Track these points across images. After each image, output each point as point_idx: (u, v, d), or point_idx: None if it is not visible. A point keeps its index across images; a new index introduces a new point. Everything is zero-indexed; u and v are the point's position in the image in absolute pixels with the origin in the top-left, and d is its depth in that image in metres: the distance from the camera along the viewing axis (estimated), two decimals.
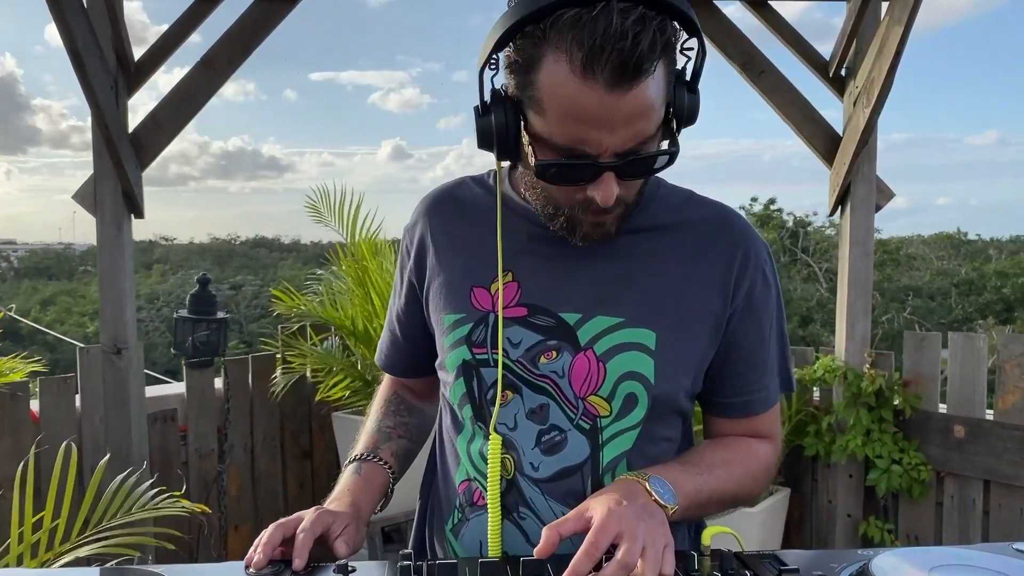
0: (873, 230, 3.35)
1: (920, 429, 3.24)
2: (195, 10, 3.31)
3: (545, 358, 1.06)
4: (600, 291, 1.06)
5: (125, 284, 3.21)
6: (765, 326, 1.12)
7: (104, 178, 3.14)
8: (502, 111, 0.96)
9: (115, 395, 3.24)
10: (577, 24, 0.85)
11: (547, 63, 0.88)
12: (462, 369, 1.10)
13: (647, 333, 1.04)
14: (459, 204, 1.18)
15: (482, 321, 1.09)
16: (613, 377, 1.04)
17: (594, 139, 0.90)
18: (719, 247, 1.09)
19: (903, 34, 2.84)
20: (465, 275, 1.12)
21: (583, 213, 1.00)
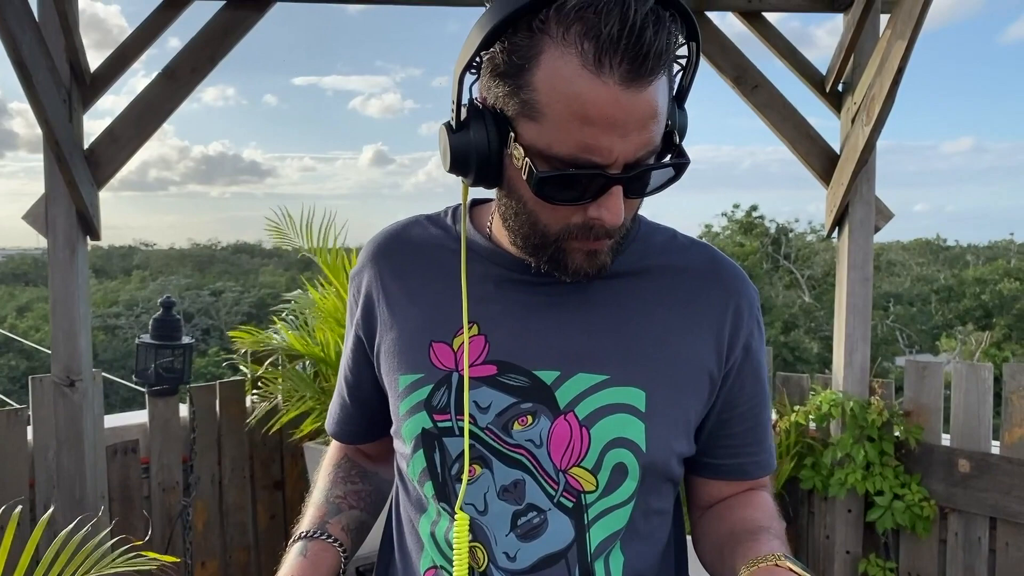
0: (872, 254, 3.20)
1: (923, 463, 3.09)
2: (157, 18, 3.11)
3: (519, 424, 0.90)
4: (581, 344, 0.91)
5: (79, 311, 2.99)
6: (762, 380, 1.01)
7: (56, 198, 2.92)
8: (482, 125, 0.82)
9: (68, 430, 3.02)
10: (587, 13, 0.73)
11: (548, 58, 0.75)
12: (421, 439, 0.94)
13: (636, 392, 0.90)
14: (413, 247, 1.02)
15: (444, 382, 0.93)
16: (598, 445, 0.89)
17: (604, 145, 0.76)
18: (711, 295, 0.96)
19: (906, 50, 2.69)
20: (422, 329, 0.96)
21: (579, 240, 0.85)
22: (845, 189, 3.12)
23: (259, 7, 3.11)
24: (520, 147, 0.80)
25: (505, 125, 0.81)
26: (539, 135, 0.78)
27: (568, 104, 0.75)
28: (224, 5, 3.10)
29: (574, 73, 0.74)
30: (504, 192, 0.88)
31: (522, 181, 0.82)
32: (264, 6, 3.12)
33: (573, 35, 0.73)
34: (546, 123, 0.77)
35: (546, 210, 0.84)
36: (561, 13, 0.74)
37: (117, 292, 40.48)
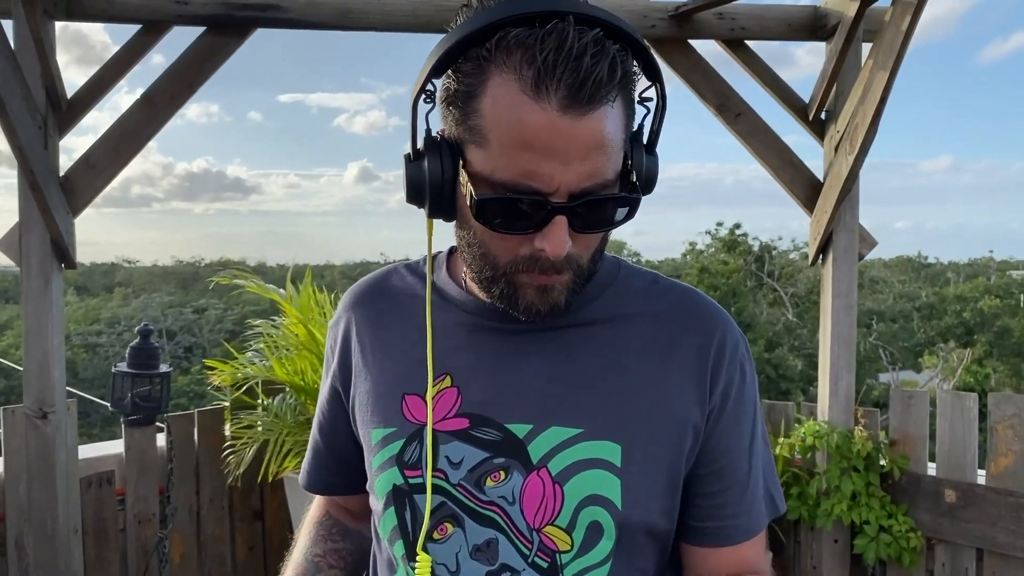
0: (856, 282, 3.20)
1: (909, 493, 3.07)
2: (136, 42, 3.07)
3: (492, 480, 0.87)
4: (554, 396, 0.88)
5: (53, 341, 2.93)
6: (744, 433, 0.94)
7: (30, 226, 2.87)
8: (436, 154, 0.81)
9: (40, 463, 2.95)
10: (527, 41, 0.74)
11: (492, 85, 0.76)
12: (393, 496, 0.91)
13: (611, 447, 0.86)
14: (390, 297, 1.00)
15: (416, 436, 0.90)
16: (572, 502, 0.86)
17: (545, 172, 0.75)
18: (691, 340, 0.92)
19: (888, 80, 2.70)
20: (396, 381, 0.94)
21: (527, 273, 0.82)
22: (829, 217, 3.12)
23: (240, 33, 3.08)
24: (466, 173, 0.79)
25: (457, 153, 0.80)
26: (485, 161, 0.77)
27: (509, 129, 0.75)
28: (204, 31, 3.06)
29: (514, 98, 0.74)
30: (458, 225, 0.87)
31: (467, 208, 0.81)
32: (245, 32, 3.08)
33: (514, 61, 0.74)
34: (491, 149, 0.77)
35: (494, 240, 0.82)
36: (504, 41, 0.74)
37: (99, 310, 40.12)
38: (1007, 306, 30.33)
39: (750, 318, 28.19)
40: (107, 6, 3.02)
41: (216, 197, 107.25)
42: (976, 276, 36.60)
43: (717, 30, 3.21)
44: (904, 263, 41.48)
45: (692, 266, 30.38)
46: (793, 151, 3.27)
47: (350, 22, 3.06)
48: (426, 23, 3.07)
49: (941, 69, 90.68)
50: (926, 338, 31.37)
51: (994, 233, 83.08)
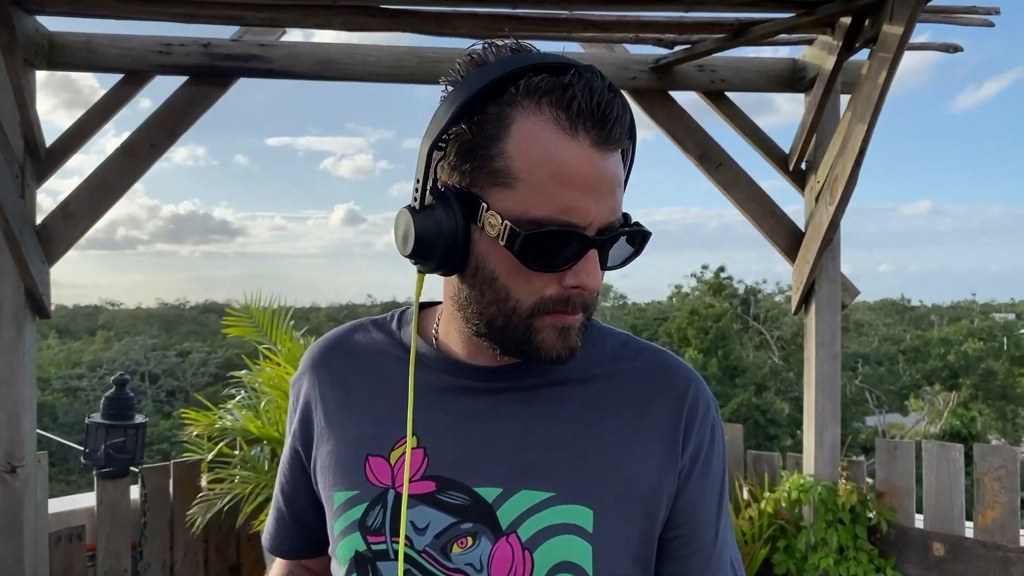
0: (839, 330, 3.19)
1: (897, 546, 3.03)
2: (118, 92, 3.07)
3: (459, 547, 0.83)
4: (525, 458, 0.85)
5: (24, 392, 2.86)
6: (712, 497, 0.92)
7: (3, 276, 2.83)
8: (448, 205, 0.80)
9: (8, 518, 2.86)
10: (557, 85, 0.77)
11: (521, 126, 0.77)
12: (355, 563, 0.87)
13: (583, 511, 0.83)
14: (355, 354, 0.96)
15: (379, 500, 0.87)
16: (542, 570, 0.82)
17: (582, 206, 0.77)
18: (663, 401, 0.89)
19: (866, 132, 2.72)
20: (359, 442, 0.90)
21: (552, 315, 0.81)
22: (811, 267, 3.12)
23: (222, 83, 3.09)
24: (496, 214, 0.77)
25: (473, 201, 0.79)
26: (515, 201, 0.77)
27: (546, 166, 0.76)
28: (187, 80, 3.07)
29: (550, 137, 0.76)
30: (469, 275, 0.84)
31: (495, 256, 0.80)
32: (227, 82, 3.09)
33: (545, 105, 0.76)
34: (522, 188, 0.77)
35: (520, 282, 0.80)
36: (531, 87, 0.77)
37: (80, 353, 39.60)
38: (990, 348, 30.49)
39: (737, 361, 28.19)
40: (89, 55, 3.03)
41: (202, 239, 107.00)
42: (959, 319, 36.84)
43: (697, 82, 3.25)
44: (888, 306, 41.73)
45: (680, 308, 30.42)
46: (775, 201, 3.28)
47: (332, 72, 3.08)
48: (409, 74, 3.08)
49: (916, 116, 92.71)
50: (911, 381, 31.44)
51: (975, 276, 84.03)
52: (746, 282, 33.23)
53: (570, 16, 2.90)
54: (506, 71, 0.77)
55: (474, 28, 2.90)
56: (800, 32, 3.06)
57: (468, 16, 2.84)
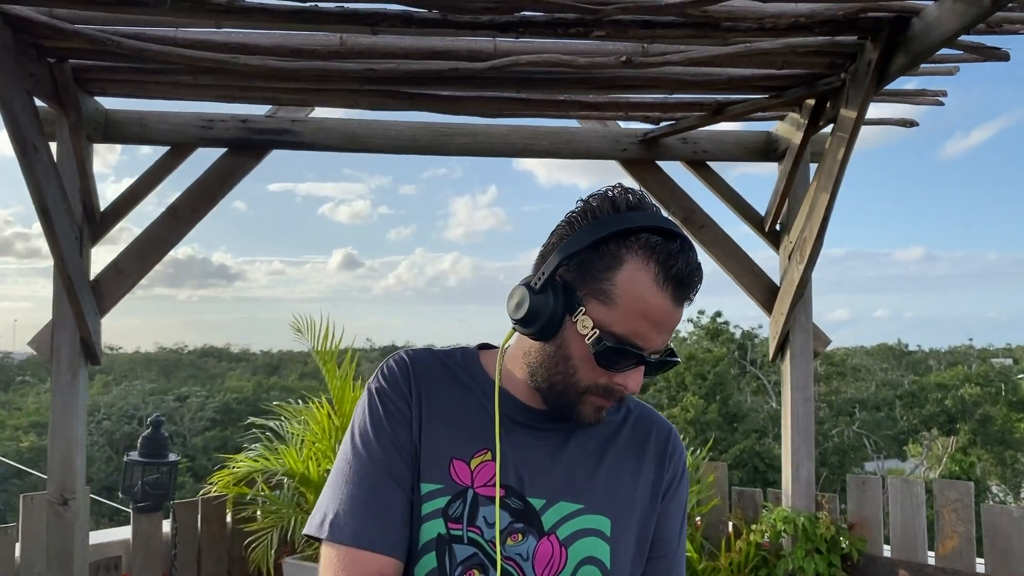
0: (812, 376, 3.51)
1: (867, 573, 3.31)
2: (163, 162, 3.44)
3: (512, 540, 1.10)
4: (562, 478, 1.13)
5: (76, 432, 3.18)
6: (677, 520, 1.22)
7: (63, 326, 3.16)
8: (558, 295, 1.07)
9: (60, 548, 3.15)
10: (663, 249, 1.05)
11: (630, 268, 1.04)
12: (435, 543, 1.09)
13: (603, 520, 1.12)
14: (444, 374, 1.19)
15: (460, 495, 1.10)
16: (574, 562, 1.10)
17: (651, 336, 1.06)
18: (653, 443, 1.22)
19: (829, 200, 3.08)
20: (448, 446, 1.13)
21: (597, 396, 1.10)
22: (785, 318, 3.46)
23: (258, 154, 3.46)
24: (590, 319, 1.06)
25: (575, 300, 1.07)
26: (608, 315, 1.05)
27: (637, 303, 1.04)
28: (226, 152, 3.44)
29: (648, 285, 1.04)
30: (553, 346, 1.09)
31: (578, 341, 1.07)
32: (262, 153, 3.47)
33: (652, 261, 1.04)
34: (616, 309, 1.05)
35: (586, 369, 1.08)
36: (647, 244, 1.05)
37: None
38: (987, 394, 30.49)
39: (736, 407, 28.24)
40: (140, 130, 3.41)
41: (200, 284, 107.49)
42: (957, 364, 36.85)
43: (681, 152, 3.63)
44: (885, 351, 41.72)
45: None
46: (752, 259, 3.64)
47: (356, 145, 3.46)
48: (424, 147, 3.47)
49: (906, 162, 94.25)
50: (909, 426, 31.42)
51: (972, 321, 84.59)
52: (743, 327, 33.38)
53: (568, 99, 3.29)
54: (634, 225, 1.05)
55: (483, 108, 3.29)
56: (771, 111, 3.44)
57: (478, 99, 3.23)
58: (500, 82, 3.03)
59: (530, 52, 2.78)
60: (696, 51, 2.82)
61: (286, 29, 2.72)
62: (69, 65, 2.93)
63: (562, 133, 3.63)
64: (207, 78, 2.99)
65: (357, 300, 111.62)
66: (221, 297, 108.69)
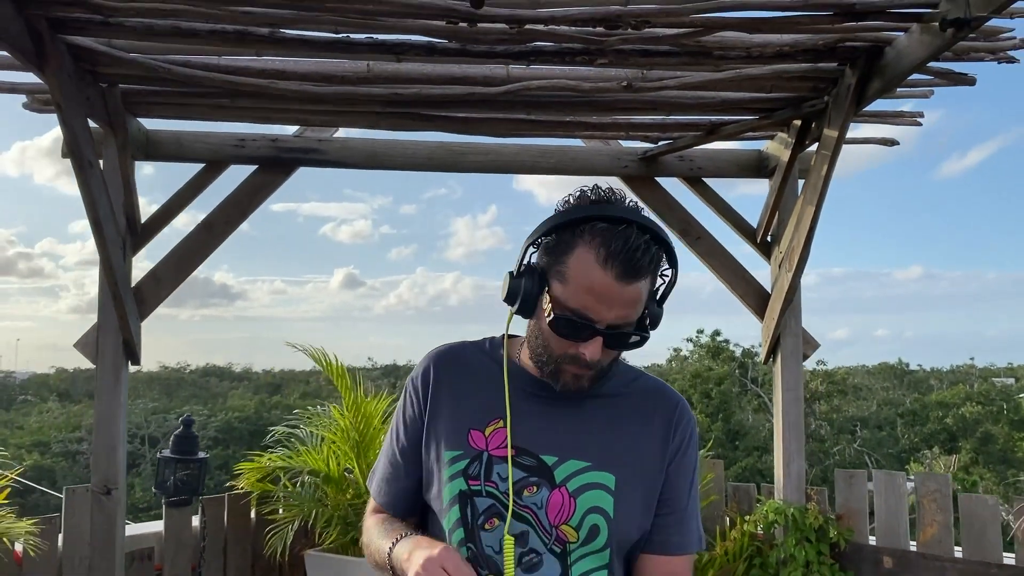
0: (802, 377, 3.76)
1: (854, 560, 3.54)
2: (199, 178, 3.71)
3: (528, 491, 1.30)
4: (573, 440, 1.33)
5: (119, 427, 3.43)
6: (686, 478, 1.41)
7: (107, 329, 3.42)
8: (533, 278, 1.29)
9: (102, 536, 3.39)
10: (607, 233, 1.22)
11: (579, 251, 1.23)
12: (458, 498, 1.32)
13: (608, 476, 1.32)
14: (463, 362, 1.44)
15: (476, 458, 1.33)
16: (581, 510, 1.29)
17: (599, 309, 1.23)
18: (660, 413, 1.40)
19: (815, 213, 3.35)
20: (464, 419, 1.37)
21: (569, 365, 1.29)
22: (775, 323, 3.72)
23: (286, 171, 3.74)
24: (548, 297, 1.27)
25: (544, 280, 1.28)
26: (561, 292, 1.25)
27: (583, 280, 1.23)
28: (256, 169, 3.72)
29: (591, 264, 1.22)
30: (533, 322, 1.34)
31: (544, 317, 1.28)
32: (290, 170, 3.74)
33: (596, 243, 1.23)
34: (568, 287, 1.24)
35: (555, 339, 1.28)
36: (594, 230, 1.23)
37: (80, 416, 39.51)
38: (989, 412, 30.54)
39: (738, 426, 28.33)
40: (177, 148, 3.69)
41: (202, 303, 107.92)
42: (959, 382, 36.86)
43: (678, 169, 3.91)
44: (887, 370, 41.72)
45: (682, 371, 30.50)
46: (745, 268, 3.90)
47: (378, 163, 3.74)
48: (440, 164, 3.74)
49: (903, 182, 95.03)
50: (911, 444, 31.47)
51: (973, 341, 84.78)
52: (743, 345, 33.49)
53: (573, 120, 3.57)
54: (584, 215, 1.24)
55: (495, 129, 3.57)
56: (761, 131, 3.72)
57: (491, 120, 3.51)
58: (512, 105, 3.31)
59: (540, 78, 3.06)
60: (691, 76, 3.11)
61: (320, 58, 3.00)
62: (119, 89, 3.21)
63: (567, 151, 3.91)
64: (244, 101, 3.27)
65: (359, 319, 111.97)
66: (223, 316, 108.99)
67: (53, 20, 2.63)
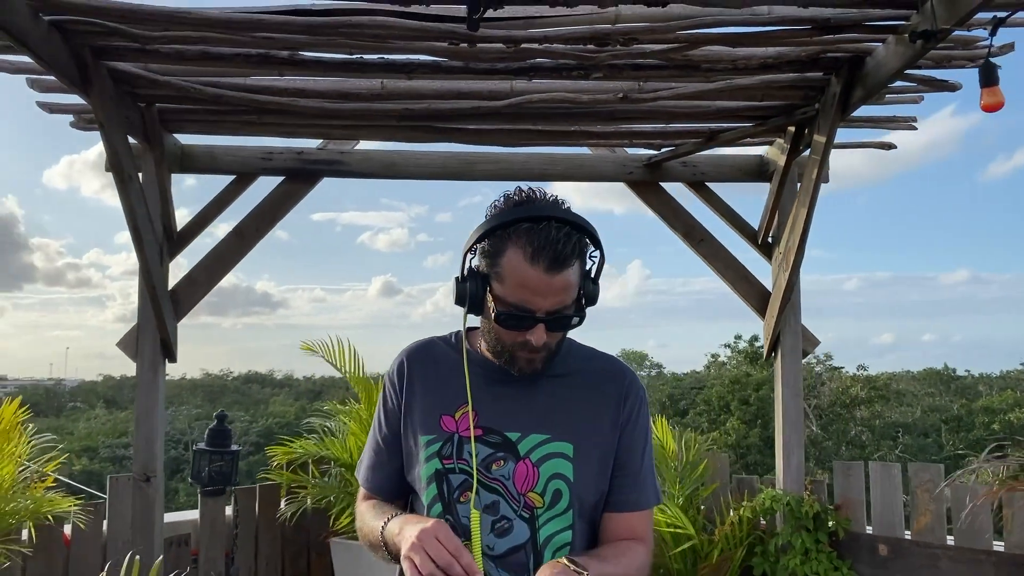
0: (801, 373, 3.91)
1: (852, 548, 3.68)
2: (230, 189, 3.99)
3: (496, 465, 1.47)
4: (533, 416, 1.49)
5: (157, 421, 3.71)
6: (638, 443, 1.56)
7: (146, 329, 3.71)
8: (476, 281, 1.44)
9: (143, 520, 3.67)
10: (530, 232, 1.37)
11: (510, 252, 1.38)
12: (434, 477, 1.49)
13: (567, 445, 1.48)
14: (432, 356, 1.61)
15: (448, 440, 1.49)
16: (544, 478, 1.46)
17: (533, 301, 1.39)
18: (611, 387, 1.56)
19: (807, 215, 3.51)
20: (436, 406, 1.53)
21: (521, 351, 1.45)
22: (775, 321, 3.87)
23: (311, 181, 4.00)
24: (491, 295, 1.44)
25: (486, 281, 1.44)
26: (502, 290, 1.41)
27: (516, 277, 1.38)
28: (283, 180, 3.99)
29: (520, 263, 1.38)
30: (483, 318, 1.50)
31: (490, 313, 1.43)
32: (315, 180, 4.01)
33: (522, 243, 1.38)
34: (505, 285, 1.40)
35: (502, 331, 1.45)
36: (519, 230, 1.38)
37: (127, 422, 40.52)
38: None
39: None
40: (210, 161, 3.97)
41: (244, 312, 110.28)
42: (1008, 388, 35.93)
43: (682, 175, 4.08)
44: (933, 376, 40.81)
45: (720, 377, 30.22)
46: (747, 268, 4.06)
47: (395, 172, 3.98)
48: (453, 173, 3.98)
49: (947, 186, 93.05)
50: (955, 451, 30.84)
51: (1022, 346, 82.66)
52: None
53: (577, 129, 3.77)
54: (512, 218, 1.38)
55: (504, 139, 3.80)
56: (758, 137, 3.89)
57: (500, 131, 3.73)
58: (518, 117, 3.53)
59: (540, 91, 3.28)
60: (684, 88, 3.29)
61: (336, 77, 3.25)
62: (156, 108, 3.50)
63: (575, 159, 4.12)
64: (270, 117, 3.54)
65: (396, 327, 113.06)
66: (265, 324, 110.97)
67: (95, 48, 2.92)
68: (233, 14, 2.65)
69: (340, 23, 2.65)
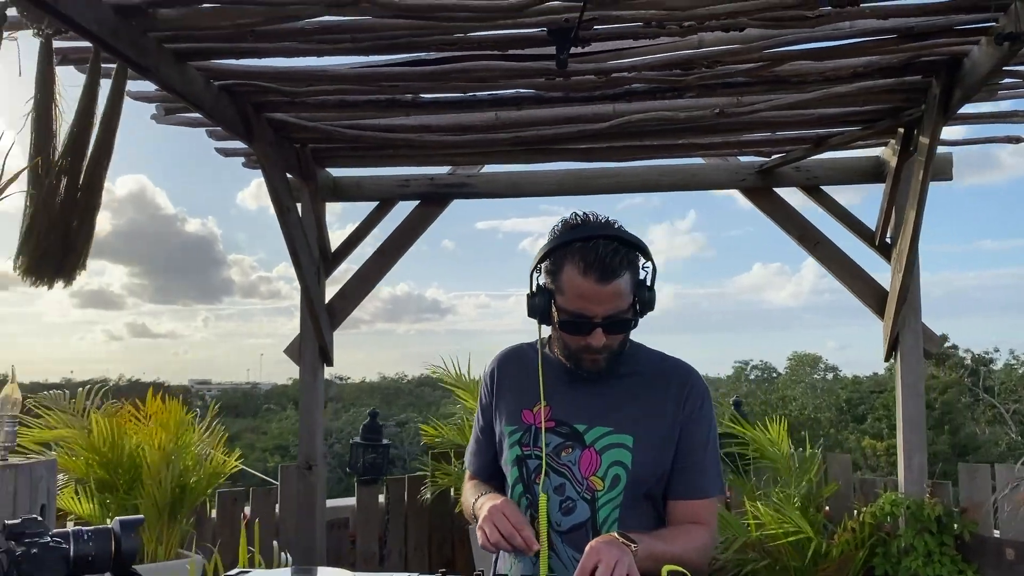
0: (923, 374, 3.87)
1: (977, 553, 3.62)
2: (374, 214, 4.51)
3: (565, 452, 1.70)
4: (599, 411, 1.70)
5: (317, 416, 4.28)
6: (700, 438, 1.74)
7: (307, 338, 4.29)
8: (543, 295, 1.68)
9: (306, 504, 4.24)
10: (583, 250, 1.60)
11: (567, 268, 1.62)
12: (516, 461, 1.75)
13: (628, 437, 1.68)
14: (518, 359, 1.88)
15: (527, 430, 1.75)
16: (606, 464, 1.67)
17: (589, 309, 1.60)
18: (673, 385, 1.75)
19: (916, 216, 3.51)
20: (518, 402, 1.79)
21: (585, 353, 1.66)
22: (893, 322, 3.87)
23: (441, 204, 4.45)
24: (555, 307, 1.70)
25: (550, 295, 1.66)
26: (562, 301, 1.63)
27: (573, 289, 1.61)
28: (418, 204, 4.46)
29: (576, 276, 1.60)
30: (552, 327, 1.73)
31: (556, 322, 1.68)
32: (445, 203, 4.45)
33: (576, 259, 1.60)
34: (565, 296, 1.63)
35: (567, 337, 1.68)
36: (573, 250, 1.62)
37: None
38: None
39: (968, 439, 25.99)
40: (357, 191, 4.51)
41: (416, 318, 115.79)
42: None
43: (795, 180, 4.16)
44: None
45: None
46: (863, 269, 4.07)
47: (517, 192, 4.35)
48: (569, 189, 4.29)
49: None
50: None
51: None
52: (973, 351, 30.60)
53: (687, 143, 3.97)
54: (568, 239, 1.61)
55: (614, 155, 4.06)
56: (868, 140, 3.90)
57: (609, 148, 4.00)
58: (622, 135, 3.78)
59: (639, 111, 3.51)
60: (780, 99, 3.41)
61: (455, 113, 3.66)
62: (309, 148, 4.06)
63: (688, 169, 4.30)
64: (404, 150, 4.01)
65: None
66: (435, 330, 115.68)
67: (256, 103, 3.48)
68: (361, 69, 3.12)
69: (451, 69, 3.04)
